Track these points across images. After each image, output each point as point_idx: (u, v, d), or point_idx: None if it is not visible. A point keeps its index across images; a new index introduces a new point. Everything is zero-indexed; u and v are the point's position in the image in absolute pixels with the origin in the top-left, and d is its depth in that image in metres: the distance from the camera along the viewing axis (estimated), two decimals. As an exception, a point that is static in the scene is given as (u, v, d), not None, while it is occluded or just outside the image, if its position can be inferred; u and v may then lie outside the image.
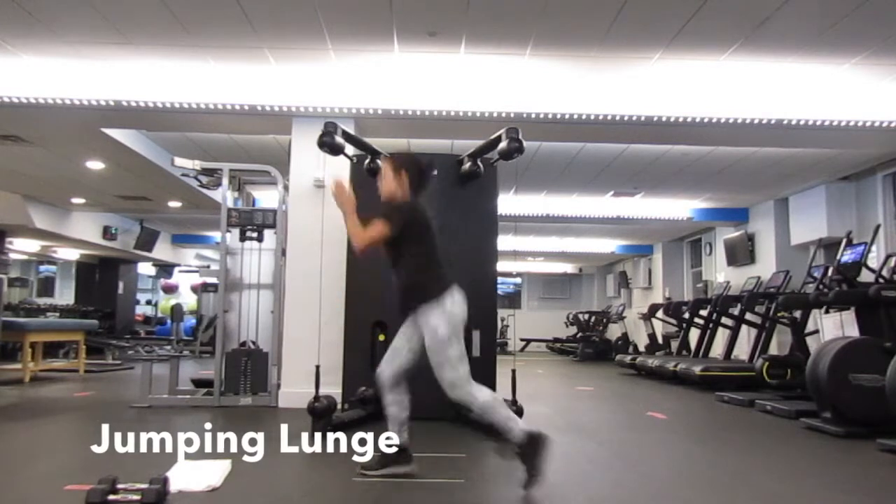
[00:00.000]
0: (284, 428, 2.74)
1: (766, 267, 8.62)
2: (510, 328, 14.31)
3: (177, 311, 10.72)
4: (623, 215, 9.55)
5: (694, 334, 8.78)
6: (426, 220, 2.98)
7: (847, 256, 5.30)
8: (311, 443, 2.92)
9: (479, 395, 2.75)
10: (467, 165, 4.72)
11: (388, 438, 2.86)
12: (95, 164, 7.05)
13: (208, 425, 2.75)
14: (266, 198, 7.22)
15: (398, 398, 2.91)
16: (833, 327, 5.58)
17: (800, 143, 5.94)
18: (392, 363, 2.92)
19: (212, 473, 2.82)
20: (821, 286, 5.37)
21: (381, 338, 4.65)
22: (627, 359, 9.50)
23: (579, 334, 13.99)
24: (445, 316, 2.78)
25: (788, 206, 8.34)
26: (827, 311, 5.67)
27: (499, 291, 5.91)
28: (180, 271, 15.33)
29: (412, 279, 2.91)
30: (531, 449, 2.64)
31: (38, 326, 7.25)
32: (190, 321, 13.51)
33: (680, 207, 9.44)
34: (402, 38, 4.41)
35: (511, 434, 2.68)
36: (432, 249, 2.96)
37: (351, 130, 4.67)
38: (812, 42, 4.35)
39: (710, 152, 6.72)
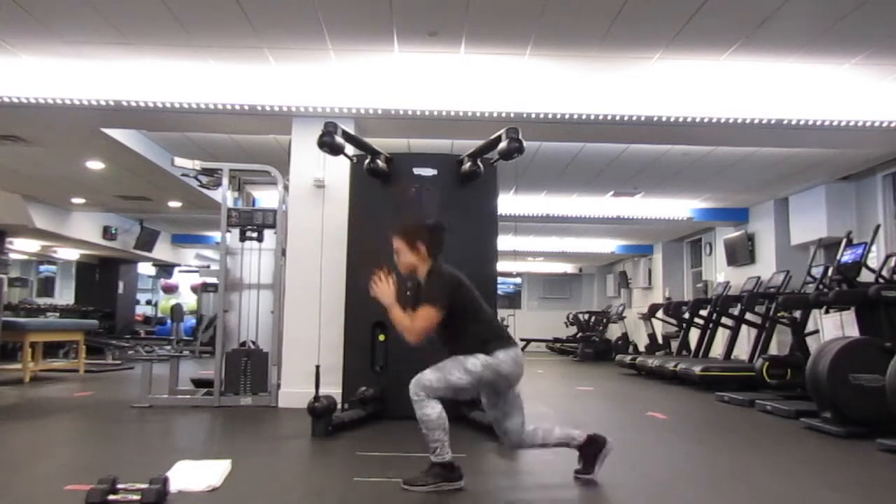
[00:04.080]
0: (284, 428, 2.74)
1: (766, 267, 8.62)
2: (510, 328, 14.29)
3: (177, 311, 10.72)
4: (623, 215, 9.55)
5: (694, 334, 8.78)
6: (464, 282, 2.90)
7: (847, 256, 5.30)
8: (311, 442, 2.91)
9: (429, 410, 2.69)
10: (467, 165, 4.72)
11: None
12: (95, 164, 7.06)
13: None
14: (266, 198, 7.23)
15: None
16: (833, 327, 5.59)
17: (800, 143, 5.94)
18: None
19: (212, 473, 2.82)
20: (821, 286, 5.37)
21: (382, 338, 4.65)
22: (627, 359, 9.50)
23: (579, 334, 13.99)
24: (492, 362, 2.75)
25: (788, 206, 8.35)
26: (827, 311, 5.67)
27: (499, 291, 5.91)
28: (180, 271, 15.33)
29: (470, 343, 2.82)
30: (444, 472, 2.70)
31: (38, 326, 7.25)
32: (190, 321, 13.52)
33: (680, 207, 9.44)
34: (402, 38, 4.41)
35: (435, 455, 2.71)
36: (481, 310, 2.89)
37: (351, 130, 4.67)
38: (812, 42, 4.35)
39: (710, 152, 6.72)
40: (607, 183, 8.15)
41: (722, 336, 8.37)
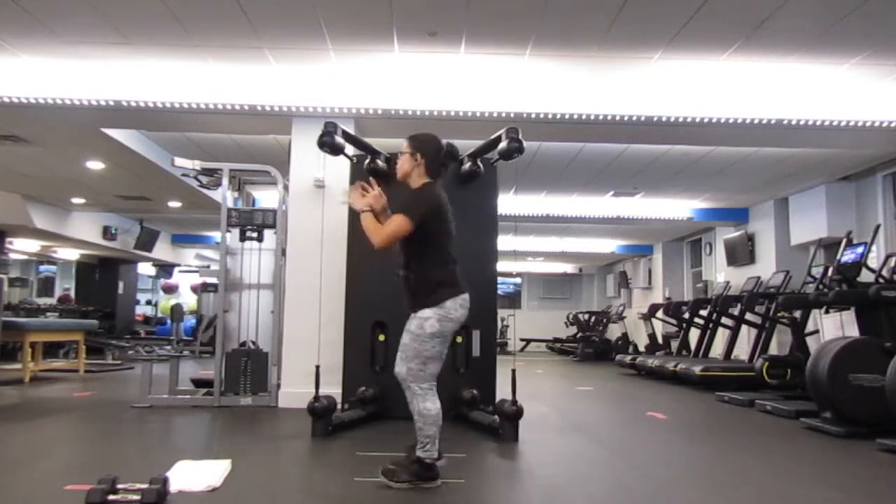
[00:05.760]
0: (284, 428, 2.74)
1: (766, 267, 8.62)
2: (510, 328, 14.32)
3: (177, 311, 10.72)
4: (623, 215, 9.55)
5: (694, 334, 8.78)
6: (446, 214, 2.90)
7: (847, 256, 5.30)
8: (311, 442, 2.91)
9: (430, 404, 2.74)
10: (467, 165, 4.72)
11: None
12: (95, 164, 7.06)
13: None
14: (266, 198, 7.23)
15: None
16: (833, 327, 5.59)
17: (800, 143, 5.94)
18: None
19: (212, 473, 2.82)
20: (821, 286, 5.37)
21: (381, 338, 4.66)
22: (627, 359, 9.50)
23: (579, 334, 13.99)
24: (442, 314, 2.77)
25: (788, 206, 8.35)
26: (827, 311, 5.67)
27: (499, 291, 5.90)
28: (180, 271, 15.33)
29: (424, 279, 2.84)
30: (421, 470, 2.73)
31: (38, 326, 7.25)
32: (190, 321, 13.52)
33: (680, 207, 9.44)
34: (402, 38, 4.41)
35: (423, 450, 2.73)
36: (446, 246, 2.89)
37: (351, 130, 4.67)
38: (812, 42, 4.35)
39: (710, 152, 6.72)
40: (607, 183, 8.15)
41: (722, 336, 8.37)
